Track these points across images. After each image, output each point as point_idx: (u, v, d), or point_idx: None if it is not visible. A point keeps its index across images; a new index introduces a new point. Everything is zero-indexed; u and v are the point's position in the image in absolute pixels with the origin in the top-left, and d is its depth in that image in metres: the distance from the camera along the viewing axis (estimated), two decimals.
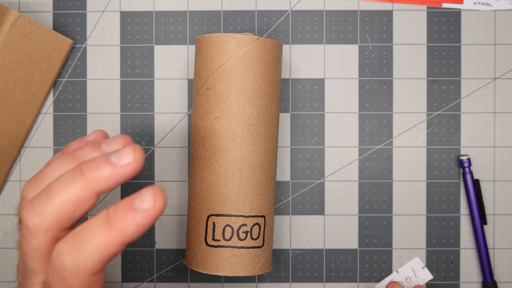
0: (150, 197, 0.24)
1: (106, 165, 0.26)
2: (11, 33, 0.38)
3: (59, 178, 0.27)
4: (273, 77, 0.35)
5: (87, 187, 0.26)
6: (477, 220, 0.41)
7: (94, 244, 0.25)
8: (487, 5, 0.42)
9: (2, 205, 0.42)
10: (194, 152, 0.36)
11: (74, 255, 0.25)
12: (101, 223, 0.25)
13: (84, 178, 0.26)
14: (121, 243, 0.25)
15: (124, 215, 0.24)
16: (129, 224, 0.24)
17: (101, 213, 0.25)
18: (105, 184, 0.26)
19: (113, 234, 0.24)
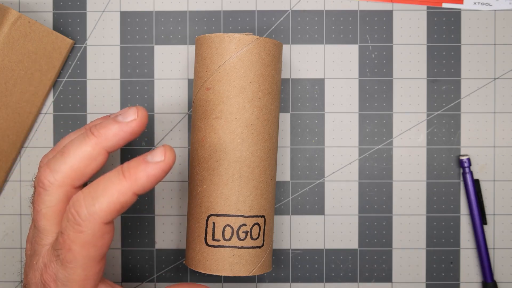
0: (161, 152, 0.28)
1: (113, 123, 0.29)
2: (11, 33, 0.38)
3: (72, 140, 0.30)
4: (273, 77, 0.35)
5: (97, 144, 0.29)
6: (477, 220, 0.41)
7: (108, 193, 0.27)
8: (487, 5, 0.42)
9: (2, 205, 0.42)
10: (194, 152, 0.36)
11: (89, 202, 0.27)
12: (116, 175, 0.28)
13: (95, 136, 0.29)
14: (133, 193, 0.27)
15: (137, 167, 0.27)
16: (141, 175, 0.27)
17: (116, 168, 0.28)
18: (113, 140, 0.29)
19: (126, 183, 0.27)
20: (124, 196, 0.27)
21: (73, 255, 0.28)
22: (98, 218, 0.27)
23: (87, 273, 0.28)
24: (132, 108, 0.29)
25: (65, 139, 0.34)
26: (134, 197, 0.28)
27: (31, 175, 0.42)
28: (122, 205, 0.28)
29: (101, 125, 0.29)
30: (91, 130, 0.30)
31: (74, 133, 0.34)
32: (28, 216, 0.42)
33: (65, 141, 0.34)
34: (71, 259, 0.28)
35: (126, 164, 0.28)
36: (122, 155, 0.42)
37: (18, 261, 0.42)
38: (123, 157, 0.42)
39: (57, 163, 0.29)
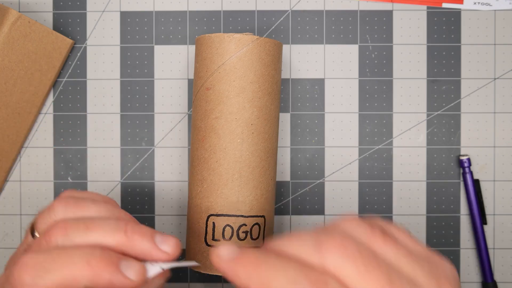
0: (136, 270, 0.25)
1: (149, 240, 0.26)
2: (11, 33, 0.38)
3: (104, 219, 0.27)
4: (273, 77, 0.35)
5: (122, 245, 0.26)
6: (477, 220, 0.41)
7: (62, 272, 0.24)
8: (487, 5, 0.42)
9: (2, 205, 0.42)
10: (194, 152, 0.36)
11: (38, 273, 0.24)
12: (81, 257, 0.25)
13: (126, 236, 0.26)
14: (84, 286, 0.24)
15: (106, 265, 0.25)
16: (104, 276, 0.24)
17: (86, 248, 0.25)
18: (137, 252, 0.26)
19: (86, 272, 0.24)
20: (76, 284, 0.24)
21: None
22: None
23: None
24: (173, 241, 0.27)
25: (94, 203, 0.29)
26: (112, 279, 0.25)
27: (31, 175, 0.42)
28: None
29: (138, 230, 0.27)
30: (126, 227, 0.27)
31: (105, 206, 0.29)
32: (28, 216, 0.42)
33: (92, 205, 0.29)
34: None
35: (98, 252, 0.25)
36: (122, 154, 0.42)
37: None
38: (123, 157, 0.42)
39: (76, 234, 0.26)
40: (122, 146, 0.42)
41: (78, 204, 0.29)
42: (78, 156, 0.42)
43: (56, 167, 0.42)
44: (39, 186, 0.42)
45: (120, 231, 0.26)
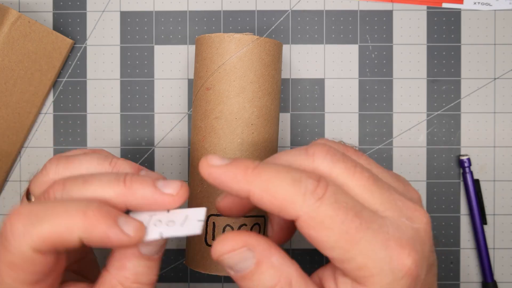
0: (136, 227, 0.24)
1: (149, 185, 0.25)
2: (11, 33, 0.38)
3: (102, 173, 0.26)
4: (273, 77, 0.35)
5: (122, 195, 0.25)
6: (477, 220, 0.41)
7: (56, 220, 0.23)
8: (487, 5, 0.42)
9: (2, 205, 0.42)
10: (194, 152, 0.36)
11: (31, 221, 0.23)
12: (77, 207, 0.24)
13: (125, 186, 0.25)
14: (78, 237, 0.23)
15: (103, 217, 0.24)
16: (100, 228, 0.23)
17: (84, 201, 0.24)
18: (139, 201, 0.25)
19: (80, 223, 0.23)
20: (69, 234, 0.23)
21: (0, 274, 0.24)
22: (30, 242, 0.23)
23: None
24: (176, 183, 0.26)
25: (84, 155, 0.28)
26: (78, 243, 0.24)
27: (31, 175, 0.42)
28: (61, 242, 0.23)
29: (137, 179, 0.25)
30: (124, 177, 0.26)
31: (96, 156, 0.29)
32: None
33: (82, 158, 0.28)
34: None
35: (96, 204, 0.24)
36: (122, 154, 0.42)
37: None
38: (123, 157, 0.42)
39: (75, 188, 0.25)
40: (122, 146, 0.42)
41: (69, 161, 0.28)
42: None
43: None
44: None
45: (119, 181, 0.25)
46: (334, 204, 0.23)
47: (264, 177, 0.23)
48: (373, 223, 0.23)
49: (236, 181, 0.23)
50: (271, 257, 0.24)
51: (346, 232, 0.22)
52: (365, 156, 0.27)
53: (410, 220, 0.24)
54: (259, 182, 0.23)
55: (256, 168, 0.23)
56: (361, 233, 0.22)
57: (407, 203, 0.25)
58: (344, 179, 0.24)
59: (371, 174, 0.25)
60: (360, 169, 0.24)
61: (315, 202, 0.22)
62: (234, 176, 0.23)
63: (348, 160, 0.25)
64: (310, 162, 0.24)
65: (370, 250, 0.22)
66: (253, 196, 0.23)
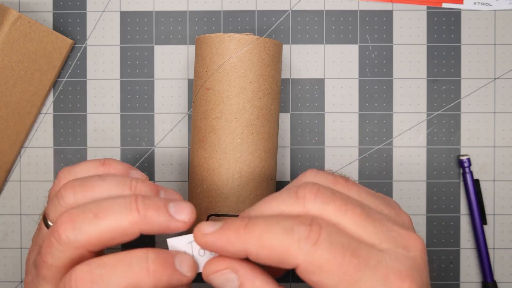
0: (190, 264, 0.25)
1: (164, 212, 0.26)
2: (11, 33, 0.38)
3: (112, 202, 0.26)
4: (273, 77, 0.35)
5: (137, 224, 0.25)
6: (477, 220, 0.41)
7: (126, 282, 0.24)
8: (487, 5, 0.42)
9: (2, 205, 0.42)
10: (194, 152, 0.36)
11: (97, 285, 0.24)
12: (139, 264, 0.25)
13: (139, 215, 0.25)
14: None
15: (164, 267, 0.25)
16: (164, 279, 0.25)
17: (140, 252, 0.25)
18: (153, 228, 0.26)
19: (147, 279, 0.24)
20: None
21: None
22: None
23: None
24: (188, 207, 0.26)
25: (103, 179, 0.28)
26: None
27: (31, 175, 0.42)
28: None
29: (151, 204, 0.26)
30: (137, 204, 0.26)
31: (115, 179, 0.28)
32: (28, 216, 0.42)
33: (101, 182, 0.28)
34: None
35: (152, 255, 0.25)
36: (122, 154, 0.42)
37: (18, 261, 0.42)
38: (123, 157, 0.42)
39: (86, 223, 0.25)
40: (122, 146, 0.42)
41: (85, 186, 0.28)
42: (78, 156, 0.42)
43: (56, 167, 0.42)
44: (39, 186, 0.42)
45: (132, 210, 0.25)
46: (330, 247, 0.23)
47: (257, 233, 0.23)
48: (371, 259, 0.23)
49: (231, 244, 0.24)
50: (254, 280, 0.24)
51: (345, 273, 0.23)
52: (356, 185, 0.27)
53: (406, 249, 0.24)
54: (253, 240, 0.23)
55: (247, 227, 0.24)
56: (360, 272, 0.23)
57: (401, 232, 0.25)
58: (336, 219, 0.24)
59: (363, 209, 0.25)
60: (351, 206, 0.24)
61: (311, 248, 0.23)
62: (228, 239, 0.24)
63: (338, 199, 0.25)
64: (301, 206, 0.24)
65: (370, 287, 0.23)
66: (251, 255, 0.24)
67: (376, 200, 0.27)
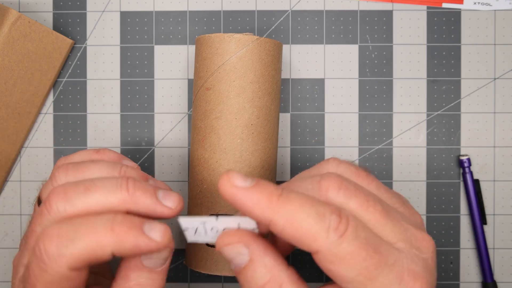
0: (162, 231, 0.25)
1: (152, 196, 0.26)
2: (11, 33, 0.38)
3: (104, 180, 0.26)
4: (273, 77, 0.35)
5: (125, 202, 0.26)
6: (477, 220, 0.41)
7: (87, 239, 0.24)
8: (487, 5, 0.42)
9: (2, 205, 0.42)
10: (194, 152, 0.36)
11: (63, 242, 0.24)
12: (104, 224, 0.25)
13: (128, 194, 0.26)
14: (111, 251, 0.25)
15: (130, 228, 0.25)
16: (129, 240, 0.24)
17: (107, 216, 0.25)
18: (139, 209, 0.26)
19: (110, 238, 0.24)
20: (102, 250, 0.24)
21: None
22: (65, 262, 0.24)
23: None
24: (175, 196, 0.27)
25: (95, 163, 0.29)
26: (110, 256, 0.25)
27: (31, 175, 0.42)
28: (97, 258, 0.25)
29: (140, 186, 0.26)
30: (128, 184, 0.26)
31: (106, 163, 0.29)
32: (28, 216, 0.42)
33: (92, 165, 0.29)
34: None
35: (121, 218, 0.25)
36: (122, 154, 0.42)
37: None
38: None
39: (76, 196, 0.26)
40: (122, 146, 0.42)
41: (78, 168, 0.28)
42: None
43: None
44: (39, 186, 0.42)
45: (122, 189, 0.26)
46: (355, 241, 0.23)
47: (289, 207, 0.23)
48: (390, 257, 0.23)
49: (259, 208, 0.23)
50: (264, 257, 0.24)
51: (366, 268, 0.23)
52: (375, 180, 0.27)
53: (419, 250, 0.25)
54: (284, 213, 0.23)
55: (281, 197, 0.23)
56: (379, 269, 0.23)
57: (415, 233, 0.25)
58: (358, 213, 0.24)
59: (383, 206, 0.25)
60: (372, 203, 0.25)
61: (338, 239, 0.23)
62: (258, 202, 0.23)
63: (361, 194, 0.25)
64: (324, 198, 0.24)
65: (386, 285, 0.23)
66: (275, 226, 0.23)
67: (393, 197, 0.27)
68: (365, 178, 0.27)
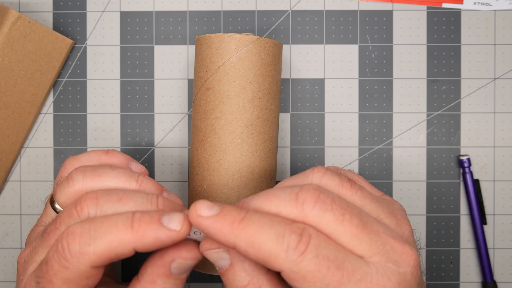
0: (180, 221, 0.26)
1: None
2: (11, 33, 0.38)
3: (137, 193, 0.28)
4: (273, 77, 0.35)
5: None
6: (477, 220, 0.41)
7: (109, 238, 0.25)
8: (487, 5, 0.42)
9: (2, 205, 0.42)
10: (194, 152, 0.36)
11: (85, 240, 0.25)
12: (124, 222, 0.25)
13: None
14: (133, 248, 0.25)
15: (149, 224, 0.25)
16: (149, 235, 0.25)
17: (126, 214, 0.26)
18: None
19: (130, 236, 0.25)
20: (123, 247, 0.25)
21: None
22: (88, 259, 0.25)
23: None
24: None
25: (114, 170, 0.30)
26: (132, 252, 0.26)
27: (31, 175, 0.42)
28: (118, 255, 0.25)
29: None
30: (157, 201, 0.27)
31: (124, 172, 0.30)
32: (28, 216, 0.42)
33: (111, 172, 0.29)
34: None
35: (139, 215, 0.26)
36: None
37: None
38: None
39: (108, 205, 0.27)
40: (122, 146, 0.42)
41: (95, 172, 0.29)
42: None
43: (56, 167, 0.42)
44: (39, 186, 0.42)
45: (153, 205, 0.27)
46: (315, 259, 0.23)
47: (249, 232, 0.24)
48: (356, 273, 0.23)
49: (222, 234, 0.24)
50: (244, 262, 0.26)
51: (327, 285, 0.23)
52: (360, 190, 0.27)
53: (396, 264, 0.25)
54: (244, 237, 0.24)
55: (242, 222, 0.24)
56: (342, 286, 0.23)
57: (395, 246, 0.25)
58: (332, 228, 0.24)
59: (360, 219, 0.25)
60: (348, 216, 0.25)
61: (297, 258, 0.23)
62: (221, 229, 0.24)
63: (337, 208, 0.25)
64: (299, 210, 0.25)
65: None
66: (238, 249, 0.24)
67: (379, 207, 0.27)
68: (348, 189, 0.27)
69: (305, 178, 0.28)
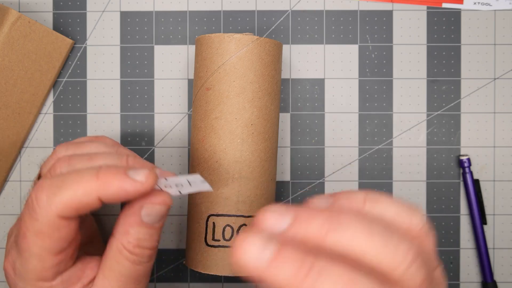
0: (145, 173, 0.27)
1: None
2: (11, 33, 0.38)
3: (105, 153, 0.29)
4: (273, 77, 0.35)
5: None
6: (477, 220, 0.41)
7: (74, 187, 0.26)
8: (487, 5, 0.42)
9: (2, 205, 0.42)
10: (194, 152, 0.36)
11: (52, 191, 0.26)
12: (89, 173, 0.27)
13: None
14: (97, 197, 0.26)
15: (114, 174, 0.26)
16: (114, 184, 0.26)
17: (93, 166, 0.27)
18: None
19: (94, 184, 0.26)
20: (88, 196, 0.26)
21: (27, 244, 0.27)
22: (55, 209, 0.26)
23: (44, 264, 0.27)
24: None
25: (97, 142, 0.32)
26: (98, 202, 0.26)
27: (31, 175, 0.42)
28: (83, 205, 0.26)
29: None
30: (127, 160, 0.29)
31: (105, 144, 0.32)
32: None
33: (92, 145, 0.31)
34: (25, 248, 0.27)
35: (106, 167, 0.27)
36: None
37: None
38: None
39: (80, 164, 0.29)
40: None
41: (77, 144, 0.31)
42: None
43: None
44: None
45: (123, 162, 0.29)
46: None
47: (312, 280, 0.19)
48: None
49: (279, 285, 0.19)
50: None
51: None
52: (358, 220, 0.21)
53: None
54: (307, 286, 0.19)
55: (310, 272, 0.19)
56: None
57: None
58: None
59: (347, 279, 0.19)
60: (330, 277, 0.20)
61: None
62: (278, 281, 0.19)
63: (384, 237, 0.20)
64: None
65: None
66: None
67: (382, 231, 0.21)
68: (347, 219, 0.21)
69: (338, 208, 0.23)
